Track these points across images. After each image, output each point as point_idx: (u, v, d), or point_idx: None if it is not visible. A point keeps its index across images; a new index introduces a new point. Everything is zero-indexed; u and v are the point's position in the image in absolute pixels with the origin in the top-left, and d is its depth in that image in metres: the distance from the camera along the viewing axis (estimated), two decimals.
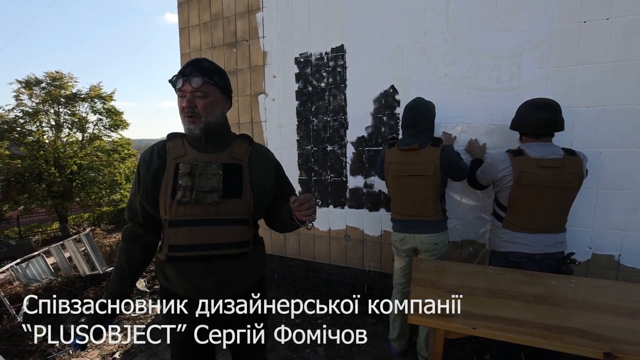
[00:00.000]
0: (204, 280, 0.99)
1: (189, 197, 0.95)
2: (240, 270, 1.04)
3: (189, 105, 0.94)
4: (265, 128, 2.80)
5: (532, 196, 1.49)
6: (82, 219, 13.27)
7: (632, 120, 1.72)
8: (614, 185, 1.80)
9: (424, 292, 1.25)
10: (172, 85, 0.97)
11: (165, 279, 1.04)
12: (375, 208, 2.46)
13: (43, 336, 1.35)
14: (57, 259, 4.22)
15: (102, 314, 1.01)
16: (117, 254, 1.08)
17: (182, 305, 1.04)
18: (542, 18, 1.83)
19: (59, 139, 11.45)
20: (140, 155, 1.03)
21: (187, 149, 1.00)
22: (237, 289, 1.06)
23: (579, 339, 0.94)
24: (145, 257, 1.08)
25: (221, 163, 0.99)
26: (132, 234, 1.06)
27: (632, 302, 1.15)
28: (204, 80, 0.94)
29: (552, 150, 1.49)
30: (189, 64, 0.97)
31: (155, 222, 1.04)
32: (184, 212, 0.96)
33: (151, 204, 0.98)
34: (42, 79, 11.08)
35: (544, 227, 1.51)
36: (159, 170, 0.98)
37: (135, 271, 1.07)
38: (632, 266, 1.81)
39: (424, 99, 1.81)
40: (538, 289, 1.24)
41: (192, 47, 3.08)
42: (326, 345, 2.16)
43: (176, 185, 0.96)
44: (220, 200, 0.97)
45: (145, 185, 0.98)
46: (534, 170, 1.47)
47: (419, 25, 2.14)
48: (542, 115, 1.50)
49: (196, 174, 0.95)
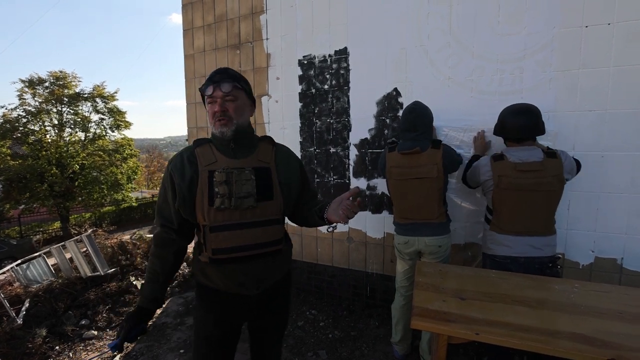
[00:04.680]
0: (246, 277, 1.06)
1: (228, 204, 1.00)
2: (276, 265, 1.13)
3: (222, 109, 1.01)
4: (268, 130, 2.81)
5: (512, 199, 1.53)
6: (83, 218, 13.30)
7: (634, 124, 1.72)
8: (616, 189, 1.80)
9: (427, 296, 1.25)
10: (201, 92, 1.04)
11: (206, 278, 1.09)
12: (378, 210, 2.46)
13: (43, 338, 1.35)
14: (57, 260, 4.22)
15: (140, 317, 1.05)
16: (150, 259, 1.11)
17: (224, 298, 1.09)
18: (544, 22, 1.84)
19: (62, 139, 11.49)
20: (170, 162, 1.07)
21: (217, 155, 1.05)
22: (272, 281, 1.14)
23: (583, 345, 0.94)
24: (177, 261, 1.12)
25: (252, 168, 1.04)
26: (164, 239, 1.09)
27: (636, 307, 1.15)
28: (233, 85, 1.02)
29: (531, 154, 1.51)
30: (216, 72, 1.04)
31: (189, 228, 1.09)
32: (223, 217, 1.01)
33: (189, 211, 1.02)
34: (46, 79, 11.13)
35: (529, 230, 1.53)
36: (193, 178, 1.02)
37: (168, 275, 1.10)
38: (635, 270, 1.81)
39: (422, 103, 1.82)
40: (542, 294, 1.24)
41: (195, 48, 3.09)
42: (328, 348, 2.16)
43: (212, 193, 1.00)
44: (256, 204, 1.02)
45: (182, 193, 1.01)
46: (511, 174, 1.51)
47: (422, 29, 2.14)
48: (522, 121, 1.54)
49: (232, 181, 1.00)
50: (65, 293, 3.40)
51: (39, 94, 10.93)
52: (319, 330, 2.36)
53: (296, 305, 2.71)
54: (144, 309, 1.07)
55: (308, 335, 2.31)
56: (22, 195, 10.41)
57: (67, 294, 3.40)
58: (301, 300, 2.78)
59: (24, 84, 10.84)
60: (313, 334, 2.33)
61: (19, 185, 10.21)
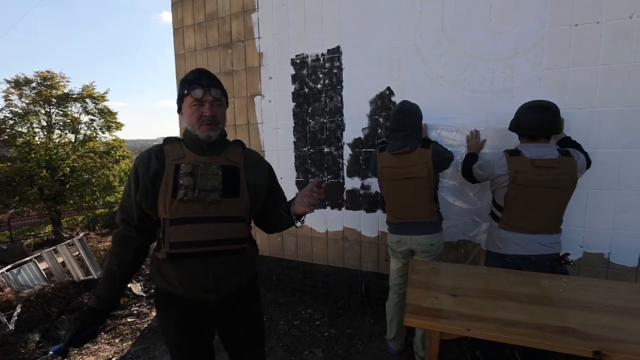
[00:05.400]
0: (205, 276, 1.02)
1: (191, 196, 0.99)
2: (239, 266, 1.10)
3: (212, 114, 1.03)
4: (262, 130, 2.80)
5: (527, 196, 1.51)
6: (76, 221, 13.10)
7: (621, 122, 1.76)
8: (604, 186, 1.84)
9: (419, 293, 1.26)
10: (184, 94, 1.03)
11: (163, 279, 1.05)
12: (372, 209, 2.48)
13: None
14: (49, 264, 4.16)
15: (91, 319, 1.00)
16: (108, 257, 1.08)
17: (182, 304, 1.05)
18: (534, 21, 1.87)
19: (51, 141, 11.27)
20: (136, 157, 1.06)
21: (186, 151, 1.05)
22: (234, 284, 1.10)
23: (570, 338, 0.97)
24: (137, 259, 1.09)
25: (220, 165, 1.05)
26: (123, 236, 1.06)
27: (622, 300, 1.18)
28: (222, 91, 1.06)
29: (547, 151, 1.51)
30: (202, 74, 1.03)
31: (150, 224, 1.06)
32: (185, 210, 0.99)
33: (150, 204, 1.01)
34: (32, 79, 10.90)
35: (539, 228, 1.53)
36: (158, 171, 1.01)
37: (126, 274, 1.06)
38: (621, 264, 1.86)
39: (410, 102, 1.83)
40: (531, 289, 1.27)
41: (186, 47, 3.06)
42: (324, 346, 2.18)
43: (177, 185, 0.99)
44: (220, 199, 1.02)
45: (145, 185, 1.00)
46: (528, 170, 1.49)
47: (414, 27, 2.16)
48: (539, 118, 1.52)
49: (198, 173, 1.00)
50: (58, 297, 3.36)
51: (26, 95, 10.70)
52: (315, 329, 2.37)
53: (292, 304, 2.72)
54: (95, 310, 1.02)
55: (304, 334, 2.32)
56: (11, 198, 10.19)
57: (60, 298, 3.36)
58: (297, 299, 2.79)
59: (9, 85, 10.60)
60: (309, 332, 2.34)
61: (8, 189, 10.00)
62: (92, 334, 1.01)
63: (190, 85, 1.01)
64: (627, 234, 1.83)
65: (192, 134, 1.05)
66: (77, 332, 0.98)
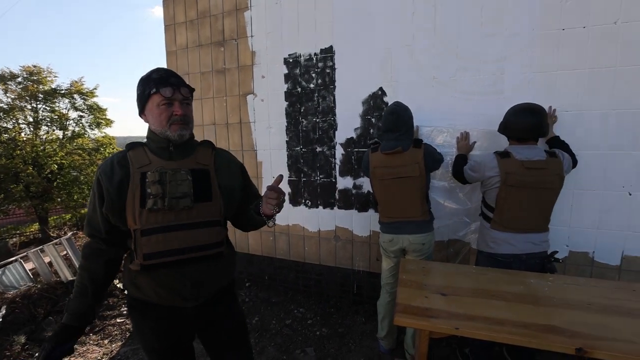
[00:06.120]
0: (182, 284, 1.00)
1: (161, 204, 0.95)
2: (217, 271, 1.07)
3: (184, 113, 0.99)
4: (254, 129, 2.79)
5: (518, 197, 1.55)
6: (63, 220, 12.82)
7: (606, 124, 1.81)
8: (589, 186, 1.89)
9: (410, 293, 1.28)
10: (151, 93, 0.96)
11: (137, 290, 1.02)
12: (364, 209, 2.49)
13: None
14: (36, 264, 4.07)
15: (65, 336, 0.96)
16: (78, 272, 1.03)
17: (157, 312, 1.02)
18: (524, 24, 1.90)
19: (38, 137, 11.00)
20: (99, 167, 1.00)
21: (151, 157, 1.00)
22: (212, 289, 1.08)
23: (554, 336, 1.00)
24: (109, 273, 1.05)
25: (189, 169, 1.01)
26: (93, 249, 1.02)
27: (604, 298, 1.22)
28: (190, 89, 1.02)
29: (536, 153, 1.55)
30: (169, 74, 1.00)
31: (120, 235, 1.01)
32: (156, 219, 0.96)
33: (117, 215, 0.96)
34: (18, 73, 10.60)
35: (529, 227, 1.57)
36: (123, 180, 0.96)
37: (99, 289, 1.03)
38: (604, 262, 1.92)
39: (402, 103, 1.85)
40: (518, 288, 1.30)
41: (178, 45, 3.02)
42: (316, 345, 2.19)
43: (144, 194, 0.95)
44: (192, 205, 0.99)
45: (110, 196, 0.95)
46: (519, 171, 1.53)
47: (407, 29, 2.17)
48: (527, 121, 1.56)
49: (166, 181, 0.96)
50: (44, 298, 3.29)
51: (12, 90, 10.41)
52: (307, 328, 2.38)
53: (284, 303, 2.72)
54: (69, 326, 0.97)
55: (296, 334, 2.33)
56: None
57: (47, 299, 3.29)
58: (289, 298, 2.80)
59: None
60: (301, 332, 2.35)
61: None
62: (67, 350, 0.97)
63: (158, 84, 0.96)
64: (611, 233, 1.88)
65: (160, 135, 1.00)
66: (51, 350, 0.93)
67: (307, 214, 2.69)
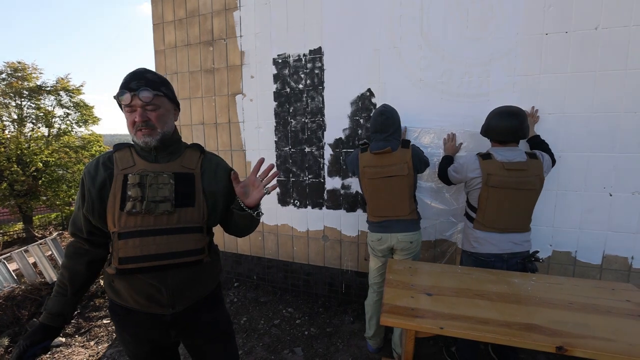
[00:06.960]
0: (158, 291, 0.97)
1: (140, 208, 0.93)
2: (195, 279, 1.03)
3: (143, 119, 0.93)
4: (243, 129, 2.77)
5: (499, 197, 1.58)
6: (49, 219, 12.52)
7: (587, 126, 1.86)
8: (571, 187, 1.93)
9: (396, 293, 1.29)
10: (117, 101, 0.95)
11: (115, 294, 1.00)
12: (352, 209, 2.50)
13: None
14: (20, 265, 3.96)
15: (41, 336, 0.95)
16: (59, 271, 1.02)
17: (137, 318, 1.00)
18: (508, 28, 1.93)
19: (22, 134, 10.72)
20: (85, 167, 0.99)
21: (136, 159, 0.98)
22: (192, 298, 1.04)
23: (535, 335, 1.02)
24: (90, 274, 1.03)
25: (172, 172, 0.98)
26: (75, 249, 1.01)
27: (585, 297, 1.25)
28: (154, 93, 0.93)
29: (516, 154, 1.59)
30: (133, 77, 0.94)
31: (102, 237, 1.01)
32: (135, 223, 0.93)
33: (97, 216, 0.95)
34: (2, 70, 10.31)
35: (511, 227, 1.61)
36: (105, 182, 0.95)
37: (78, 289, 1.01)
38: (586, 261, 1.97)
39: (390, 105, 1.89)
40: (502, 288, 1.32)
41: (166, 44, 2.98)
42: (304, 345, 2.18)
43: (125, 197, 0.93)
44: (173, 210, 0.96)
45: (91, 197, 0.94)
46: (500, 172, 1.56)
47: (395, 31, 2.18)
48: (507, 124, 1.59)
49: (146, 184, 0.94)
50: (29, 300, 3.20)
51: None
52: (295, 328, 2.37)
53: (272, 303, 2.71)
54: (46, 326, 0.96)
55: (284, 333, 2.32)
56: None
57: (32, 300, 3.20)
58: (277, 298, 2.79)
59: None
60: (289, 331, 2.34)
61: None
62: (43, 349, 0.95)
63: (121, 88, 0.93)
64: (593, 233, 1.93)
65: (134, 141, 0.99)
66: (26, 348, 0.92)
67: (296, 214, 2.69)
